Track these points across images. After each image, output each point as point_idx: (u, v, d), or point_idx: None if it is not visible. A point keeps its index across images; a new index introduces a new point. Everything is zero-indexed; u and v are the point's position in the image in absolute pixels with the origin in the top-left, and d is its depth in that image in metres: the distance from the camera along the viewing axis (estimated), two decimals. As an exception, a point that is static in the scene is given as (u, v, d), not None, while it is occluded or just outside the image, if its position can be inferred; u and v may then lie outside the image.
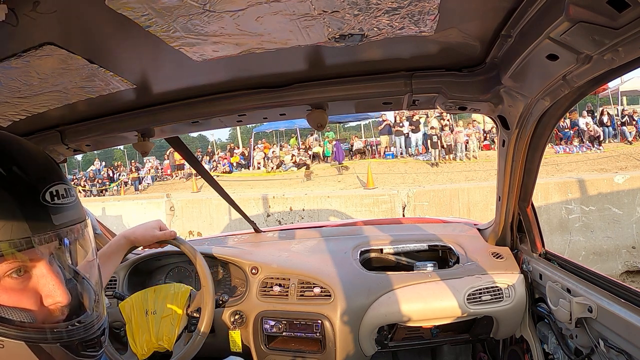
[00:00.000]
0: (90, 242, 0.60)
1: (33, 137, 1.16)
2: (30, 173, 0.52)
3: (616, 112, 12.36)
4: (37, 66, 0.70)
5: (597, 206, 6.24)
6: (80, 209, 0.57)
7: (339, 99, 1.01)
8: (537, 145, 1.16)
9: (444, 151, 11.80)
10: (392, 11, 0.63)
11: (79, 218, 0.56)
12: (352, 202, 7.49)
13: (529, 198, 1.37)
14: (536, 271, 1.40)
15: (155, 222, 1.30)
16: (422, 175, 10.95)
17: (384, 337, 1.53)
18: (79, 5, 0.56)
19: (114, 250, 1.18)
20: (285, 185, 11.81)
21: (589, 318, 1.09)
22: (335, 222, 2.23)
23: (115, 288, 1.57)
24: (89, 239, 0.59)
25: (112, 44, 0.69)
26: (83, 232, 0.57)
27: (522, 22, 0.68)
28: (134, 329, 1.34)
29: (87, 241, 0.59)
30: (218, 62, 0.79)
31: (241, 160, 15.40)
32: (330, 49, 0.78)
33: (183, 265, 1.74)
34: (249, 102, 1.02)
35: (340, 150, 12.80)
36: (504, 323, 1.48)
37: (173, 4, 0.56)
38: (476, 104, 0.99)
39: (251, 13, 0.61)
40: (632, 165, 9.47)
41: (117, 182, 15.76)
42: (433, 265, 1.60)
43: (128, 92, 0.91)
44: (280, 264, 1.60)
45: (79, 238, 0.57)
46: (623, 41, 0.53)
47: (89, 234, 0.59)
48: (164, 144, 2.54)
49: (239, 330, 1.55)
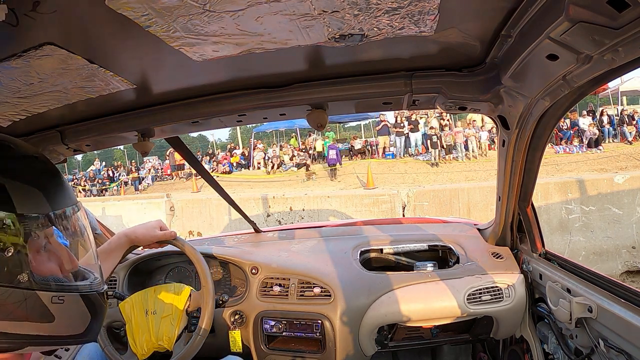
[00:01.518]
0: (86, 221, 0.70)
1: (33, 137, 1.16)
2: (48, 161, 0.64)
3: (616, 112, 12.35)
4: (37, 66, 0.70)
5: (597, 206, 6.25)
6: (73, 191, 0.68)
7: (339, 99, 1.01)
8: (537, 145, 1.16)
9: (444, 151, 11.80)
10: (392, 11, 0.63)
11: (75, 199, 0.67)
12: (352, 202, 7.50)
13: (529, 198, 1.37)
14: (536, 271, 1.40)
15: (156, 222, 1.30)
16: (422, 175, 10.95)
17: (384, 337, 1.53)
18: (79, 5, 0.56)
19: (113, 247, 1.18)
20: (285, 185, 11.81)
21: (589, 318, 1.09)
22: (335, 222, 2.23)
23: (115, 288, 1.57)
24: (86, 219, 0.69)
25: (112, 44, 0.69)
26: (81, 210, 0.68)
27: (522, 22, 0.68)
28: (134, 329, 1.34)
29: (85, 220, 0.69)
30: (218, 62, 0.79)
31: (241, 160, 15.41)
32: (330, 49, 0.78)
33: (183, 265, 1.74)
34: (249, 102, 1.02)
35: (337, 155, 12.27)
36: (504, 323, 1.48)
37: (173, 4, 0.56)
38: (476, 104, 0.99)
39: (251, 13, 0.61)
40: (632, 165, 9.47)
41: (117, 182, 15.77)
42: (433, 265, 1.60)
43: (128, 92, 0.91)
44: (280, 264, 1.60)
45: (81, 216, 0.67)
46: (623, 41, 0.53)
47: (84, 212, 0.70)
48: (164, 144, 2.54)
49: (239, 330, 1.55)
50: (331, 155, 12.17)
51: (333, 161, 12.14)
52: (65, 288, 0.61)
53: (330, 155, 12.19)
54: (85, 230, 0.68)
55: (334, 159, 12.14)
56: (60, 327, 0.60)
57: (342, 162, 12.61)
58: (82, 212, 0.68)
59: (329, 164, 12.17)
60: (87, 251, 0.69)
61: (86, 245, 0.69)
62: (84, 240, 0.69)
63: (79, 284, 0.65)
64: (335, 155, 12.21)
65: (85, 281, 0.66)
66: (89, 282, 0.66)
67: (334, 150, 12.27)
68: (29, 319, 0.56)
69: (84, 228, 0.68)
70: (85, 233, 0.68)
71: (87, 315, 0.63)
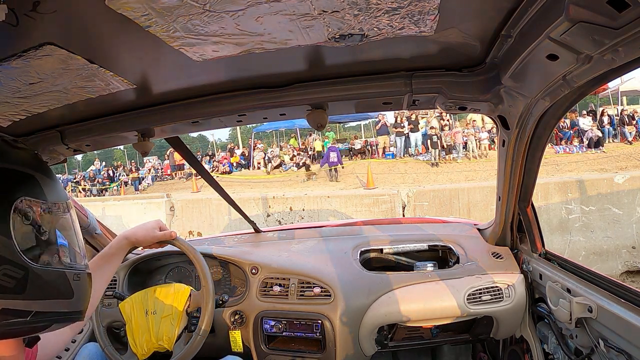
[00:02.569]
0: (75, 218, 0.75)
1: (33, 137, 1.16)
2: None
3: (616, 112, 12.35)
4: (37, 66, 0.70)
5: (597, 206, 6.25)
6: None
7: (339, 99, 1.01)
8: (537, 145, 1.16)
9: (444, 151, 11.79)
10: (392, 11, 0.63)
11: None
12: (352, 202, 7.50)
13: (529, 198, 1.37)
14: (536, 271, 1.40)
15: (155, 222, 1.29)
16: (422, 175, 10.95)
17: (384, 337, 1.53)
18: (79, 5, 0.56)
19: (114, 251, 1.18)
20: (285, 185, 11.80)
21: (589, 318, 1.09)
22: (335, 222, 2.23)
23: (115, 288, 1.57)
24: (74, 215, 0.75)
25: (112, 44, 0.69)
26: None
27: (522, 22, 0.68)
28: (134, 329, 1.34)
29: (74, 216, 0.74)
30: (218, 62, 0.79)
31: (241, 160, 15.41)
32: (330, 49, 0.78)
33: (183, 265, 1.74)
34: (249, 102, 1.02)
35: (338, 157, 11.93)
36: (504, 323, 1.48)
37: (173, 4, 0.56)
38: (476, 104, 0.99)
39: (251, 13, 0.61)
40: (632, 165, 9.47)
41: (117, 182, 15.77)
42: (433, 265, 1.60)
43: (128, 92, 0.91)
44: (280, 264, 1.61)
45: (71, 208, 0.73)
46: (623, 41, 0.53)
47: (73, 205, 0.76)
48: (164, 144, 2.54)
49: (239, 330, 1.55)
50: (332, 158, 11.88)
51: (334, 163, 11.89)
52: (79, 268, 0.68)
53: (330, 158, 11.89)
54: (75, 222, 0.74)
55: (335, 162, 11.87)
56: (76, 303, 0.66)
57: (342, 163, 12.42)
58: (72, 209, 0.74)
59: (329, 166, 11.93)
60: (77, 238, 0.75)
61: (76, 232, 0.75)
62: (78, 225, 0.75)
63: (84, 263, 0.71)
64: (337, 157, 11.93)
65: (84, 262, 0.72)
66: (85, 264, 0.72)
67: (334, 153, 11.98)
68: (58, 297, 0.62)
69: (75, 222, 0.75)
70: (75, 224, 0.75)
71: (89, 292, 0.71)
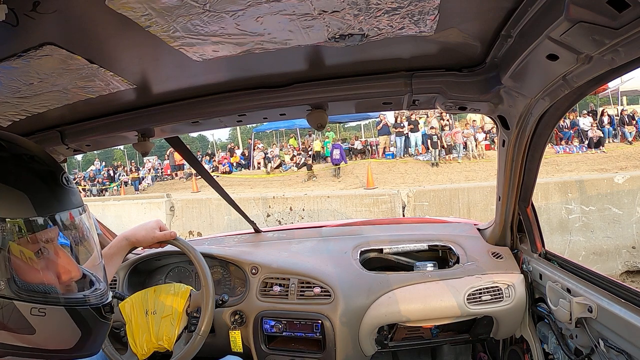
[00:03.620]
0: (91, 224, 0.67)
1: (33, 137, 1.16)
2: (47, 161, 0.61)
3: (616, 112, 12.35)
4: (37, 66, 0.70)
5: (597, 206, 6.24)
6: (79, 195, 0.65)
7: (339, 99, 1.01)
8: (537, 145, 1.16)
9: (444, 151, 11.79)
10: (392, 11, 0.63)
11: (81, 202, 0.63)
12: (352, 202, 7.49)
13: (529, 198, 1.37)
14: (536, 271, 1.40)
15: (155, 222, 1.29)
16: (422, 175, 10.95)
17: (384, 337, 1.53)
18: (79, 5, 0.56)
19: (115, 251, 1.18)
20: (285, 185, 11.79)
21: (589, 318, 1.09)
22: (335, 222, 2.23)
23: (115, 288, 1.56)
24: (90, 221, 0.66)
25: (112, 44, 0.69)
26: (86, 214, 0.65)
27: (522, 22, 0.68)
28: (134, 329, 1.34)
29: (90, 222, 0.66)
30: (218, 62, 0.79)
31: (241, 160, 15.41)
32: (330, 49, 0.78)
33: (183, 265, 1.74)
34: (249, 102, 1.02)
35: (341, 153, 12.17)
36: (504, 323, 1.48)
37: (173, 4, 0.56)
38: (476, 104, 0.99)
39: (251, 13, 0.61)
40: (632, 165, 9.47)
41: (117, 182, 15.76)
42: (433, 265, 1.60)
43: (128, 92, 0.91)
44: (280, 264, 1.60)
45: (85, 219, 0.64)
46: (623, 41, 0.54)
47: (89, 216, 0.66)
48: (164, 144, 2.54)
49: (239, 330, 1.55)
50: (335, 155, 12.06)
51: (337, 160, 12.03)
52: (50, 300, 0.56)
53: (334, 155, 12.07)
54: (88, 235, 0.65)
55: (338, 159, 12.03)
56: (43, 340, 0.56)
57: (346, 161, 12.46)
58: (87, 215, 0.64)
59: (334, 164, 12.08)
60: (90, 256, 0.66)
61: (89, 251, 0.66)
62: (86, 245, 0.65)
63: (70, 296, 0.60)
64: (340, 154, 12.09)
65: (82, 293, 0.62)
66: (85, 295, 0.61)
67: (337, 150, 12.16)
68: (6, 329, 0.54)
69: (87, 233, 0.64)
70: (88, 238, 0.65)
71: (77, 330, 0.58)
